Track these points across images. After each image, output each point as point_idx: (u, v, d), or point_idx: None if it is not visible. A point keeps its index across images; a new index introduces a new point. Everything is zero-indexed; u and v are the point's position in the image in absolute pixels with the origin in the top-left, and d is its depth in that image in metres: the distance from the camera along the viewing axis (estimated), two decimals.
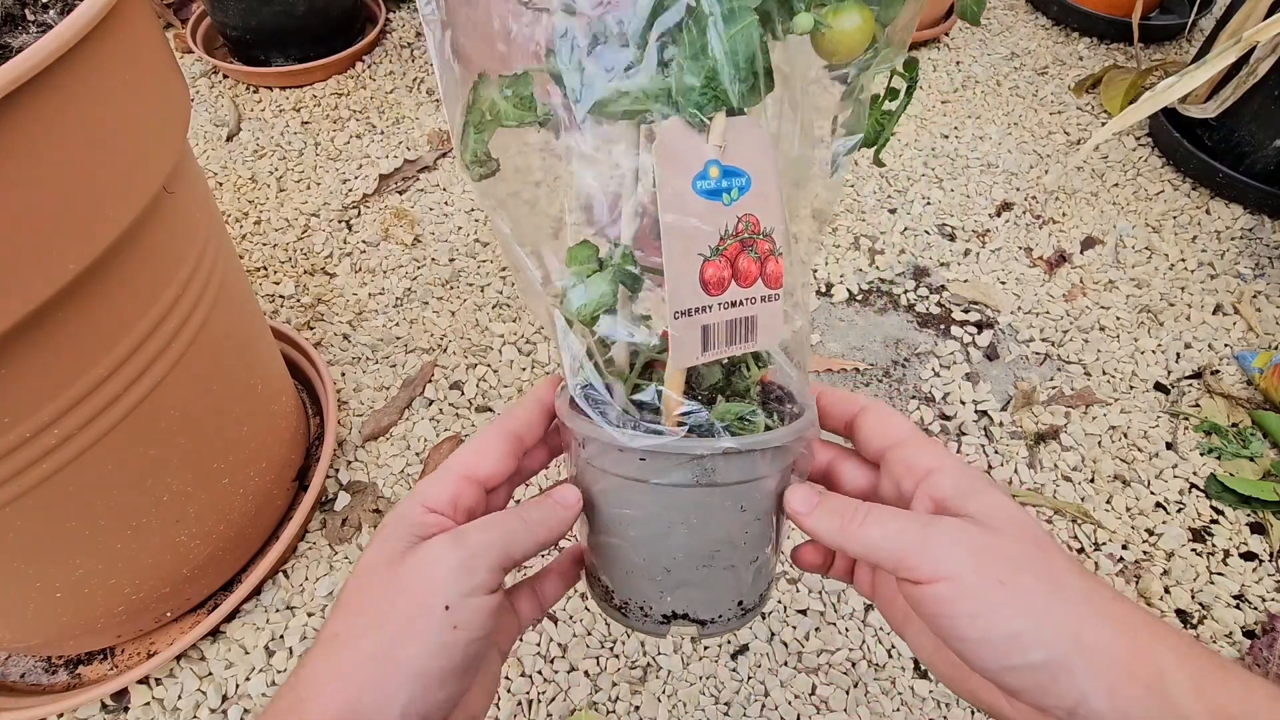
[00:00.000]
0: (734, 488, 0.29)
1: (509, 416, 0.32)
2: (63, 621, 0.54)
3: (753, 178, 0.26)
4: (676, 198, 0.26)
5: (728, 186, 0.26)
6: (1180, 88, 0.76)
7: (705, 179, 0.26)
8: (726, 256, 0.27)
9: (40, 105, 0.34)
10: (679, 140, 0.25)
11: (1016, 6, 1.46)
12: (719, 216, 0.26)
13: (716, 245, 0.27)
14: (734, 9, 0.22)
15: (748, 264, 0.27)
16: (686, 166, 0.25)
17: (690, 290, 0.27)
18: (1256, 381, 0.83)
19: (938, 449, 0.29)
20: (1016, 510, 0.27)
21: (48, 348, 0.40)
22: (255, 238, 0.98)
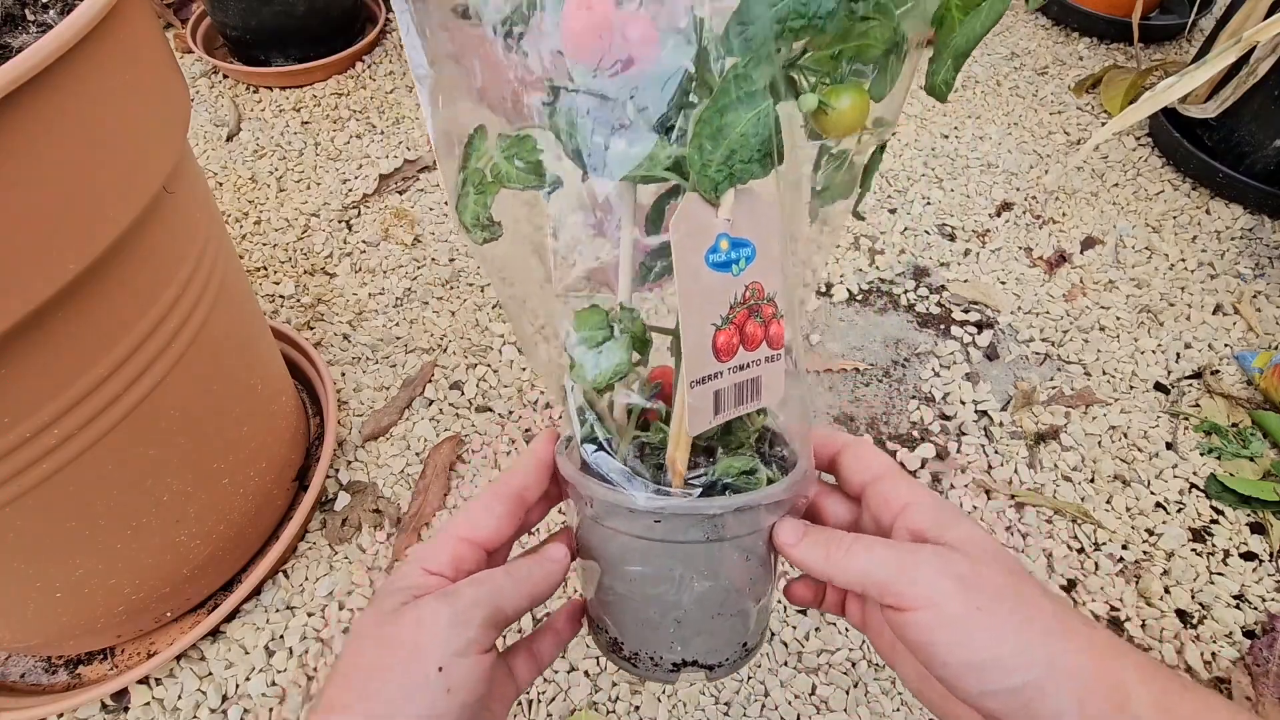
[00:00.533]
0: (741, 539, 0.31)
1: (510, 477, 0.32)
2: (63, 621, 0.54)
3: (758, 246, 0.27)
4: (692, 273, 0.26)
5: (736, 257, 0.27)
6: (1180, 88, 0.76)
7: (716, 252, 0.27)
8: (735, 324, 0.28)
9: (40, 105, 0.34)
10: (694, 217, 0.26)
11: (1016, 6, 1.46)
12: (729, 287, 0.27)
13: (727, 314, 0.28)
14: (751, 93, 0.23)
15: (754, 328, 0.29)
16: (700, 242, 0.26)
17: (705, 359, 0.28)
18: (1256, 381, 0.83)
19: (914, 484, 0.30)
20: (989, 540, 0.28)
21: (48, 348, 0.40)
22: (255, 238, 0.98)
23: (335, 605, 0.66)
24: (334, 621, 0.65)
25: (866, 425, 0.80)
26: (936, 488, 0.75)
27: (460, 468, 0.75)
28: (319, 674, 0.62)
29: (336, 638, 0.64)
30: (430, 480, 0.74)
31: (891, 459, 0.32)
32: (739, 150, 0.24)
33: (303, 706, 0.60)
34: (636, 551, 0.31)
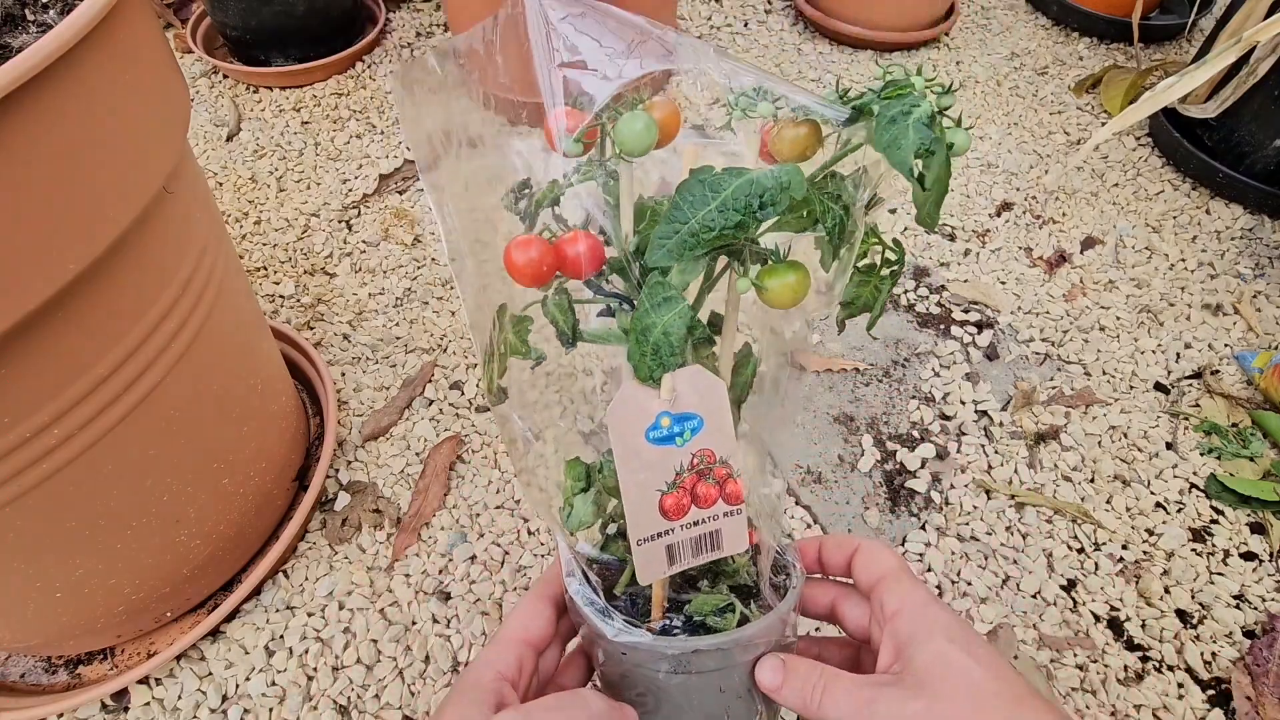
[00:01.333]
0: (710, 674, 0.32)
1: (547, 583, 0.35)
2: (63, 621, 0.54)
3: (705, 418, 0.29)
4: (629, 451, 0.29)
5: (680, 431, 0.29)
6: (1180, 88, 0.76)
7: (657, 429, 0.29)
8: (684, 487, 0.30)
9: (40, 105, 0.34)
10: (631, 400, 0.28)
11: (1016, 6, 1.46)
12: (673, 457, 0.30)
13: (673, 480, 0.30)
14: (668, 298, 0.26)
15: (706, 489, 0.31)
16: (638, 423, 0.29)
17: (650, 520, 0.30)
18: (1256, 381, 0.83)
19: (905, 587, 0.31)
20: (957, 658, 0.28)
21: (48, 347, 0.40)
22: (255, 238, 0.98)
23: (335, 605, 0.66)
24: (334, 621, 0.65)
25: (866, 425, 0.80)
26: (936, 487, 0.75)
27: (460, 468, 0.75)
28: (319, 674, 0.62)
29: (336, 637, 0.64)
30: (430, 480, 0.74)
31: (898, 558, 0.33)
32: (662, 346, 0.27)
33: (302, 706, 0.60)
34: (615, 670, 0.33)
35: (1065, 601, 0.67)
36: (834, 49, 1.34)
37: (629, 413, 0.29)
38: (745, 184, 0.25)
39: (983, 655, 0.28)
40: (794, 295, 0.27)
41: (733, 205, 0.25)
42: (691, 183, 0.25)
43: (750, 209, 0.25)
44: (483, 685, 0.30)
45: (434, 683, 0.61)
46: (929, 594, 0.31)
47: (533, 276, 0.27)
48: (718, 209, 0.25)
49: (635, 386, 0.28)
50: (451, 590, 0.67)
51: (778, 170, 0.25)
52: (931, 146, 0.25)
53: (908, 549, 0.70)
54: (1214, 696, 0.62)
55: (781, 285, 0.27)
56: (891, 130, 0.25)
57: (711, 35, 1.35)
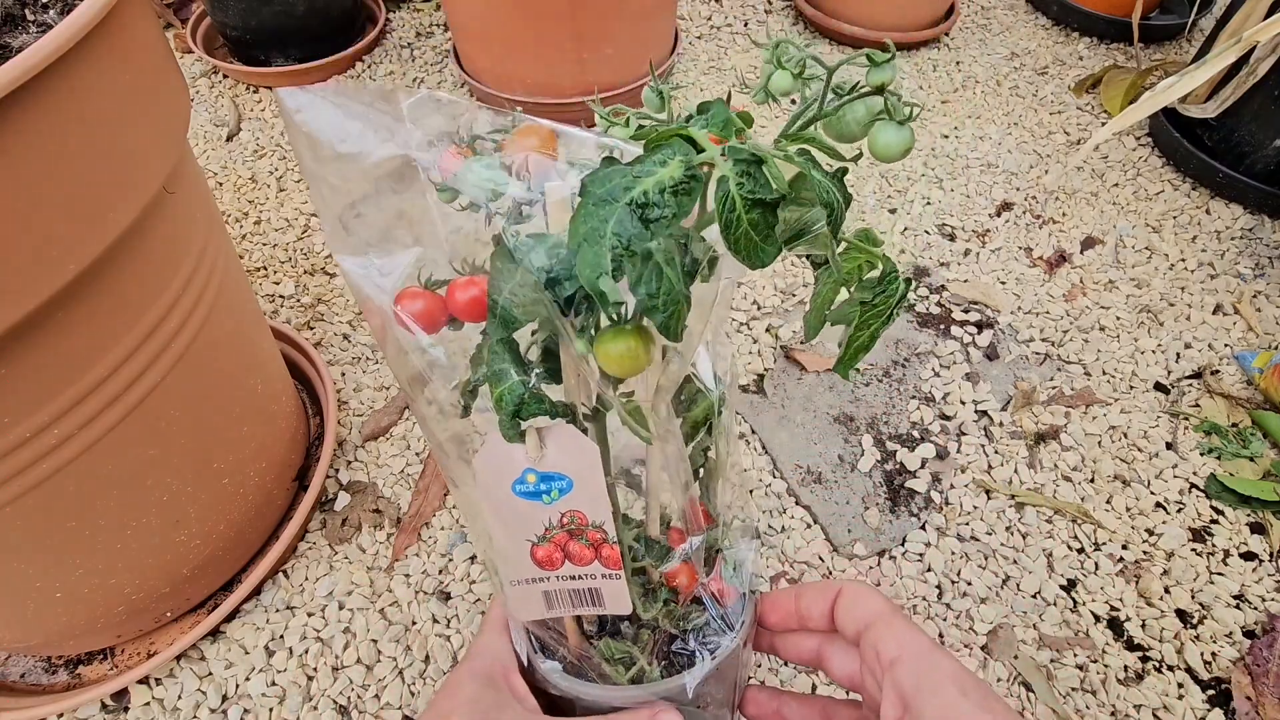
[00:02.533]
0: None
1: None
2: (63, 621, 0.54)
3: (575, 480, 0.29)
4: (497, 498, 0.29)
5: (547, 489, 0.29)
6: (1180, 88, 0.76)
7: (523, 483, 0.29)
8: (555, 543, 0.30)
9: (40, 105, 0.34)
10: (496, 453, 0.29)
11: (1016, 6, 1.46)
12: (540, 513, 0.30)
13: (542, 534, 0.30)
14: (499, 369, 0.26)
15: (579, 549, 0.31)
16: (504, 473, 0.29)
17: (524, 566, 0.31)
18: (1256, 381, 0.83)
19: (900, 631, 0.29)
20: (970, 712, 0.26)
21: (47, 348, 0.40)
22: (255, 238, 0.98)
23: (335, 605, 0.66)
24: (334, 621, 0.65)
25: (866, 425, 0.80)
26: (936, 487, 0.75)
27: None
28: (319, 674, 0.62)
29: (336, 637, 0.64)
30: (430, 480, 0.74)
31: (886, 600, 0.30)
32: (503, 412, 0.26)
33: (302, 706, 0.60)
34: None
35: (1065, 601, 0.67)
36: (834, 49, 1.34)
37: (495, 462, 0.29)
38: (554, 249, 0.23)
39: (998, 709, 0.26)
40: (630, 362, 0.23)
41: (528, 281, 0.23)
42: (502, 250, 0.24)
43: (554, 281, 0.23)
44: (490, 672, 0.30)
45: (434, 683, 0.61)
46: (929, 639, 0.29)
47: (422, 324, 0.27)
48: (519, 284, 0.23)
49: (499, 441, 0.28)
50: (451, 590, 0.67)
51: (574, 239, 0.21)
52: (633, 245, 0.19)
53: (908, 549, 0.70)
54: (1214, 696, 0.62)
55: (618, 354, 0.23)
56: (594, 217, 0.19)
57: (711, 35, 1.35)
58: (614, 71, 1.10)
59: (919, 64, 1.31)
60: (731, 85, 1.24)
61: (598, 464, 0.28)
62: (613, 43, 1.06)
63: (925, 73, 1.29)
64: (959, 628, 0.65)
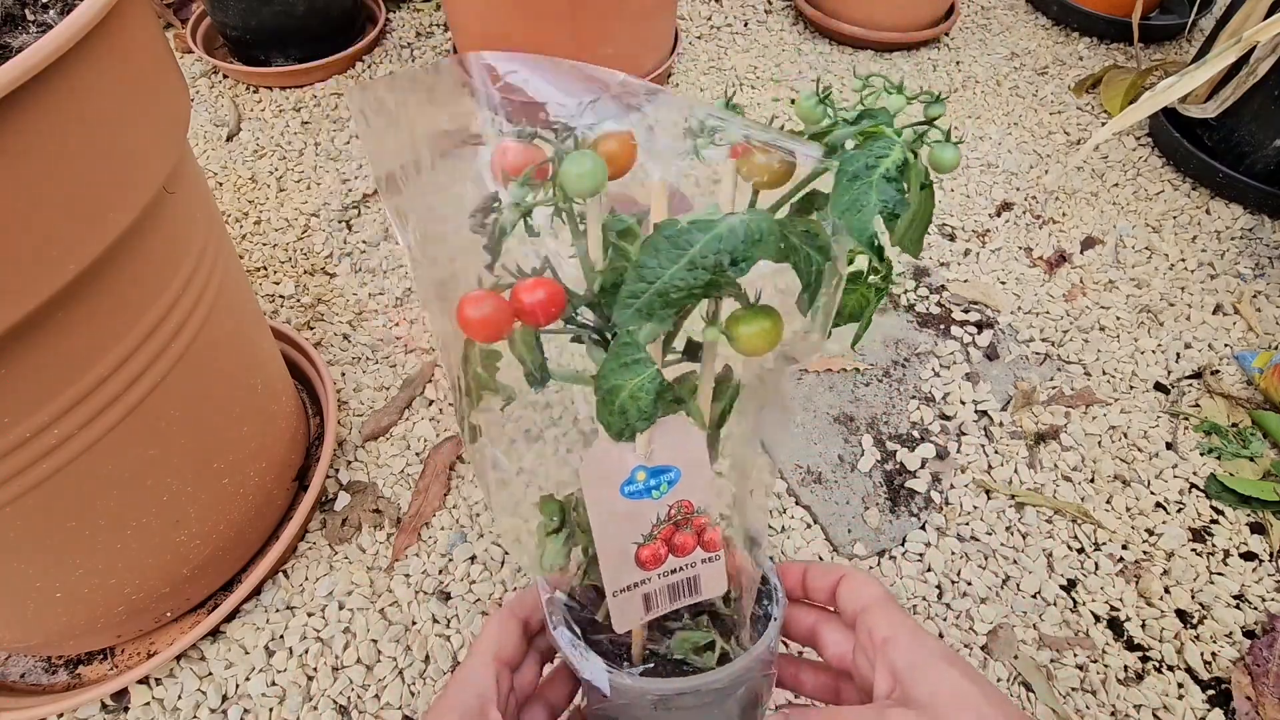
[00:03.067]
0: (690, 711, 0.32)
1: (518, 602, 0.35)
2: (63, 621, 0.54)
3: (683, 470, 0.29)
4: (604, 506, 0.29)
5: (656, 484, 0.29)
6: (1180, 88, 0.76)
7: (632, 483, 0.28)
8: (661, 538, 0.30)
9: (40, 105, 0.34)
10: (604, 458, 0.28)
11: (1016, 6, 1.46)
12: (648, 510, 0.29)
13: (649, 532, 0.29)
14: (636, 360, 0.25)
15: (684, 538, 0.30)
16: (612, 478, 0.28)
17: (626, 571, 0.30)
18: (1256, 381, 0.83)
19: (894, 616, 0.31)
20: (961, 682, 0.28)
21: (47, 348, 0.40)
22: (255, 238, 0.98)
23: (335, 605, 0.66)
24: (334, 621, 0.65)
25: (866, 425, 0.80)
26: (936, 487, 0.75)
27: (460, 468, 0.75)
28: (319, 674, 0.62)
29: (336, 637, 0.64)
30: (430, 480, 0.74)
31: (882, 588, 0.33)
32: (629, 409, 0.25)
33: (302, 706, 0.60)
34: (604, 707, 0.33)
35: (1065, 601, 0.67)
36: (834, 49, 1.34)
37: (602, 468, 0.28)
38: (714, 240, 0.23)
39: (982, 682, 0.28)
40: (768, 341, 0.26)
41: (701, 264, 0.23)
42: (657, 240, 0.23)
43: (720, 267, 0.23)
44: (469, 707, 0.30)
45: (434, 683, 0.61)
46: (917, 624, 0.31)
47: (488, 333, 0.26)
48: (686, 267, 0.23)
49: (607, 443, 0.27)
50: (451, 590, 0.67)
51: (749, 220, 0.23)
52: (897, 209, 0.23)
53: (908, 549, 0.70)
54: (1214, 696, 0.62)
55: (752, 333, 0.25)
56: (851, 190, 0.23)
57: (711, 35, 1.35)
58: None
59: (919, 64, 1.31)
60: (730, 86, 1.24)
61: (704, 449, 0.29)
62: (613, 43, 1.06)
63: (925, 73, 1.29)
64: (959, 628, 0.65)
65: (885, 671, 0.29)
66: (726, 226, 0.23)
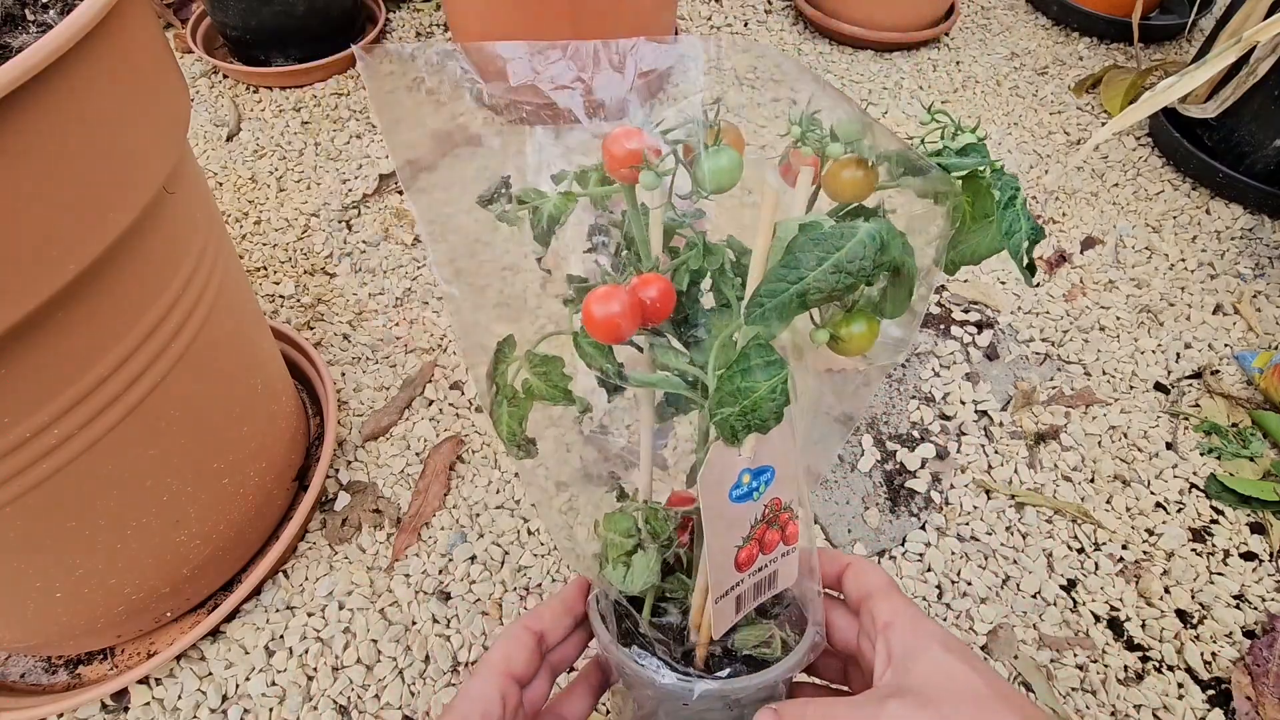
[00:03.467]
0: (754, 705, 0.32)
1: (535, 616, 0.34)
2: (63, 621, 0.54)
3: (776, 467, 0.29)
4: (717, 513, 0.28)
5: (756, 485, 0.29)
6: (1180, 88, 0.76)
7: (739, 487, 0.28)
8: (756, 538, 0.30)
9: (40, 105, 0.34)
10: (719, 464, 0.27)
11: (1016, 6, 1.46)
12: (750, 512, 0.29)
13: (748, 534, 0.30)
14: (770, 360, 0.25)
15: (772, 536, 0.31)
16: (725, 483, 0.28)
17: (728, 576, 0.30)
18: (1256, 381, 0.83)
19: (896, 602, 0.32)
20: (956, 666, 0.28)
21: (48, 348, 0.40)
22: (255, 238, 0.98)
23: (335, 605, 0.66)
24: (334, 621, 0.65)
25: (866, 425, 0.80)
26: (936, 487, 0.75)
27: (460, 468, 0.75)
28: (319, 674, 0.62)
29: (336, 637, 0.64)
30: (430, 480, 0.74)
31: (887, 575, 0.34)
32: (758, 409, 0.25)
33: (302, 706, 0.60)
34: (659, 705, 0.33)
35: (1065, 601, 0.67)
36: (834, 49, 1.34)
37: (717, 476, 0.27)
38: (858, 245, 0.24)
39: (980, 666, 0.28)
40: (867, 343, 0.27)
41: (847, 267, 0.23)
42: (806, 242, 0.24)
43: (863, 271, 0.23)
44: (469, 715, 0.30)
45: (434, 683, 0.61)
46: (920, 610, 0.32)
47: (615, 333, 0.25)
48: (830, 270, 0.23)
49: (721, 449, 0.27)
50: (451, 590, 0.67)
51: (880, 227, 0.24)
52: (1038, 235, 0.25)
53: (908, 549, 0.70)
54: (1214, 696, 0.62)
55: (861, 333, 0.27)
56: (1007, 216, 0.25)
57: (711, 35, 1.35)
58: None
59: (919, 64, 1.31)
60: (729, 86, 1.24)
61: (793, 444, 0.29)
62: None
63: (925, 73, 1.29)
64: (959, 628, 0.65)
65: (884, 654, 0.30)
66: (866, 232, 0.24)
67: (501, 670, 0.32)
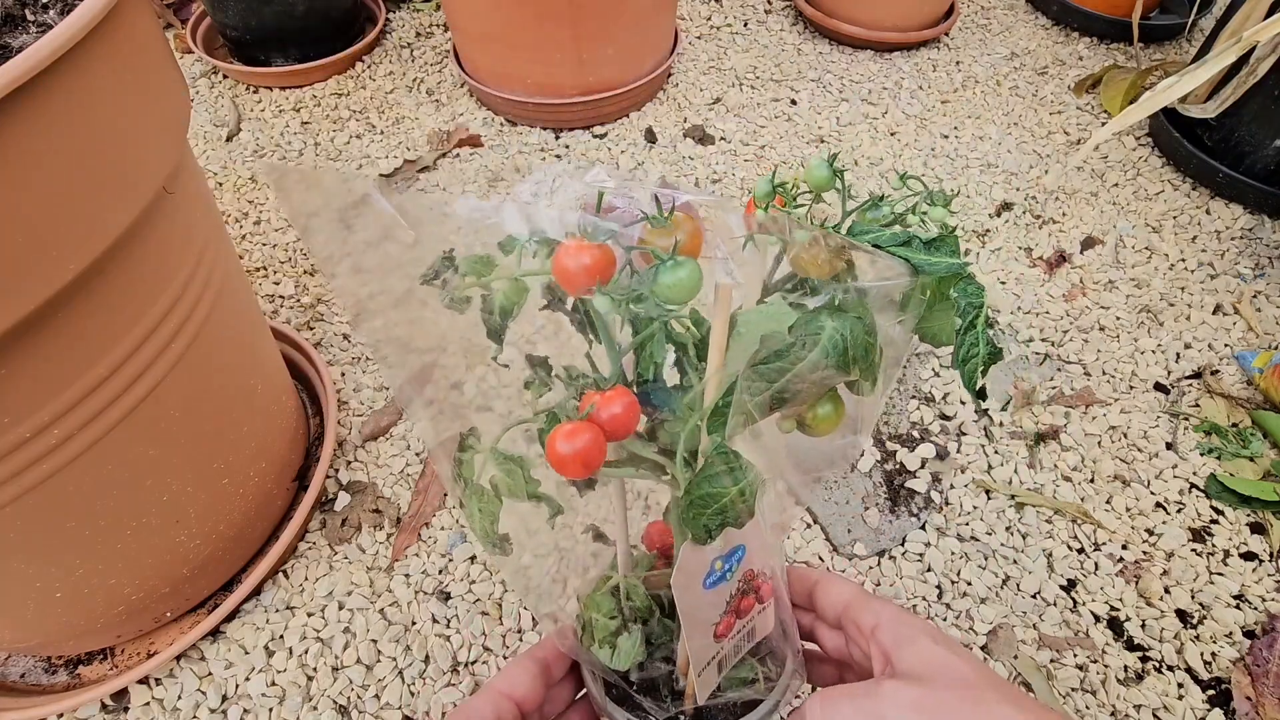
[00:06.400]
0: None
1: (539, 648, 0.35)
2: (63, 621, 0.54)
3: (747, 544, 0.29)
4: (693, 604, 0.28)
5: (729, 566, 0.29)
6: (1180, 88, 0.76)
7: (712, 574, 0.28)
8: (731, 610, 0.30)
9: (40, 105, 0.34)
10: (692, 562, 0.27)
11: (1016, 6, 1.46)
12: (725, 591, 0.29)
13: (724, 609, 0.30)
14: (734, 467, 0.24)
15: (748, 602, 0.31)
16: (697, 576, 0.28)
17: (708, 650, 0.30)
18: (1256, 381, 0.83)
19: (874, 605, 0.32)
20: (945, 655, 0.29)
21: (48, 348, 0.40)
22: (255, 238, 0.98)
23: (335, 605, 0.66)
24: (334, 621, 0.65)
25: None
26: (936, 487, 0.75)
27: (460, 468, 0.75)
28: (319, 674, 0.62)
29: (336, 637, 0.64)
30: (430, 480, 0.74)
31: (854, 584, 0.34)
32: (728, 510, 0.25)
33: (302, 706, 0.60)
34: None
35: (1065, 601, 0.67)
36: (834, 49, 1.34)
37: (690, 572, 0.28)
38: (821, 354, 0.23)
39: (967, 655, 0.29)
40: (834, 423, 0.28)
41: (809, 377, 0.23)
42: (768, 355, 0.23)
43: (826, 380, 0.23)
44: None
45: (434, 683, 0.61)
46: (899, 606, 0.32)
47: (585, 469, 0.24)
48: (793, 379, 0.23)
49: (691, 549, 0.27)
50: (451, 590, 0.67)
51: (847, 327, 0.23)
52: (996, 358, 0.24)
53: (908, 549, 0.70)
54: (1214, 696, 0.62)
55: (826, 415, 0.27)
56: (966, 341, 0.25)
57: (711, 35, 1.35)
58: (614, 71, 1.10)
59: (919, 64, 1.31)
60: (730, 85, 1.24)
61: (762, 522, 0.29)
62: (613, 43, 1.06)
63: (925, 73, 1.29)
64: (959, 628, 0.65)
65: (878, 653, 0.31)
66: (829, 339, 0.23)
67: (503, 691, 0.32)
